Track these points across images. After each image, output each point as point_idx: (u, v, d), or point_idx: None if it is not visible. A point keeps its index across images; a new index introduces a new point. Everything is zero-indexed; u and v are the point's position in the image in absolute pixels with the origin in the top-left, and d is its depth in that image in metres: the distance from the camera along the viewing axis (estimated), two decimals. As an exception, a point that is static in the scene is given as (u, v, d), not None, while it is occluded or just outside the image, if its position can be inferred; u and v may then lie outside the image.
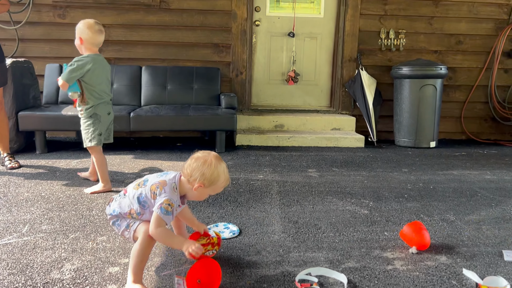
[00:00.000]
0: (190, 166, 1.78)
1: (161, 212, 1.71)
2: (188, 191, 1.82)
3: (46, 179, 3.30)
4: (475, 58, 5.52)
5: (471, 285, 1.86)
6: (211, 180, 1.76)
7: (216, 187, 1.81)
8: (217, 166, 1.78)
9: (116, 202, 1.85)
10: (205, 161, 1.78)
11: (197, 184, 1.76)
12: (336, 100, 5.56)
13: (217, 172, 1.78)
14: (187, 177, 1.79)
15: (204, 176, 1.75)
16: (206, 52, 5.17)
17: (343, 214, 2.72)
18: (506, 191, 3.29)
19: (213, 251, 2.02)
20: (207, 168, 1.76)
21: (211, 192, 1.83)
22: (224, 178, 1.81)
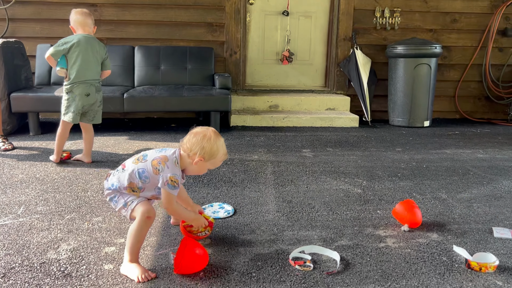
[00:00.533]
0: (189, 141, 1.82)
1: (169, 188, 1.78)
2: (188, 165, 1.85)
3: (40, 160, 3.30)
4: (470, 37, 5.50)
5: (461, 261, 1.90)
6: (210, 154, 1.81)
7: (215, 160, 1.85)
8: (216, 140, 1.82)
9: (115, 177, 1.85)
10: (205, 135, 1.82)
11: (197, 158, 1.79)
12: (330, 80, 5.54)
13: (216, 145, 1.82)
14: (187, 151, 1.82)
15: (204, 150, 1.79)
16: (200, 31, 5.11)
17: (336, 193, 2.75)
18: (497, 170, 3.33)
19: (206, 232, 2.04)
20: (206, 142, 1.80)
21: (210, 166, 1.87)
22: (223, 152, 1.86)
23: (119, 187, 1.83)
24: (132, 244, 1.75)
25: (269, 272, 1.78)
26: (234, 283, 1.69)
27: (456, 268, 1.84)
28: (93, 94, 3.19)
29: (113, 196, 1.86)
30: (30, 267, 1.77)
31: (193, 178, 2.95)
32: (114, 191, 1.85)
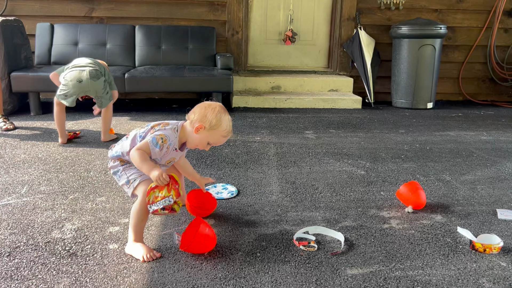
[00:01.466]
0: (193, 111, 1.82)
1: (151, 141, 1.73)
2: (189, 135, 1.82)
3: (42, 140, 3.28)
4: (475, 17, 5.42)
5: (465, 242, 1.90)
6: (212, 123, 1.77)
7: (217, 133, 1.80)
8: (220, 112, 1.79)
9: (119, 145, 1.85)
10: (210, 105, 1.81)
11: (197, 124, 1.77)
12: (334, 60, 5.48)
13: (220, 117, 1.78)
14: (189, 119, 1.81)
15: (205, 118, 1.77)
16: (201, 10, 5.03)
17: (340, 174, 2.74)
18: (501, 152, 3.32)
19: (169, 200, 1.67)
20: (210, 111, 1.78)
21: (211, 138, 1.81)
22: (226, 126, 1.81)
23: (122, 153, 1.82)
24: (135, 223, 1.75)
25: (274, 252, 1.78)
26: (239, 263, 1.69)
27: (460, 249, 1.84)
28: (86, 80, 3.10)
29: (117, 170, 1.84)
30: (35, 246, 1.78)
31: (196, 159, 2.94)
32: (117, 159, 1.83)
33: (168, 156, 1.83)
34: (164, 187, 1.68)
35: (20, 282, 1.54)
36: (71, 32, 4.64)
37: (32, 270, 1.61)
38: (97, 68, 3.19)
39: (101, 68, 3.25)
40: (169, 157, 1.84)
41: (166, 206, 1.67)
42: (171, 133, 1.78)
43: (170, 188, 1.68)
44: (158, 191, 1.68)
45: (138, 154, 1.70)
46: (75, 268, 1.63)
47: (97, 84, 3.15)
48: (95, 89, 3.16)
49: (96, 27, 4.73)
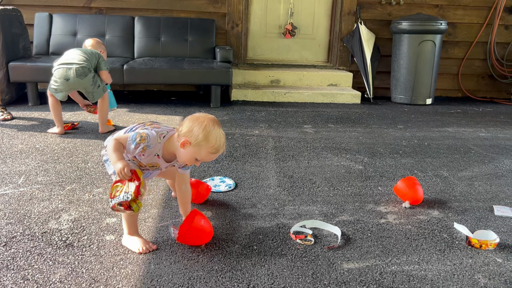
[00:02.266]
0: (183, 123, 1.69)
1: (131, 136, 1.67)
2: (177, 149, 1.70)
3: (40, 131, 3.27)
4: (476, 13, 5.40)
5: (462, 238, 1.91)
6: (198, 139, 1.63)
7: (203, 149, 1.66)
8: (208, 127, 1.64)
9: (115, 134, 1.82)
10: (198, 118, 1.67)
11: (183, 138, 1.65)
12: (333, 55, 5.47)
13: (207, 132, 1.63)
14: (178, 132, 1.69)
15: (191, 133, 1.64)
16: (201, 2, 5.00)
17: (337, 169, 2.74)
18: (499, 148, 3.32)
19: (127, 196, 1.61)
20: (197, 126, 1.64)
21: (198, 155, 1.67)
22: (215, 142, 1.65)
23: None
24: (125, 216, 1.73)
25: (270, 246, 1.78)
26: (235, 256, 1.69)
27: (457, 245, 1.85)
28: (73, 79, 3.08)
29: (106, 159, 1.81)
30: (32, 236, 1.78)
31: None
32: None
33: (148, 159, 1.73)
34: (126, 183, 1.62)
35: (16, 272, 1.54)
36: (70, 23, 4.61)
37: (28, 260, 1.61)
38: (85, 64, 3.11)
39: (90, 62, 3.16)
40: (150, 160, 1.74)
41: (123, 202, 1.59)
42: (154, 136, 1.68)
43: (129, 185, 1.62)
44: (120, 185, 1.62)
45: (112, 143, 1.66)
46: (71, 259, 1.63)
47: (84, 82, 3.12)
48: (83, 86, 3.15)
49: (95, 17, 4.70)
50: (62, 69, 3.10)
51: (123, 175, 1.60)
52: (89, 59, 3.18)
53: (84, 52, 3.20)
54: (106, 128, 3.33)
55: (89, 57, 3.19)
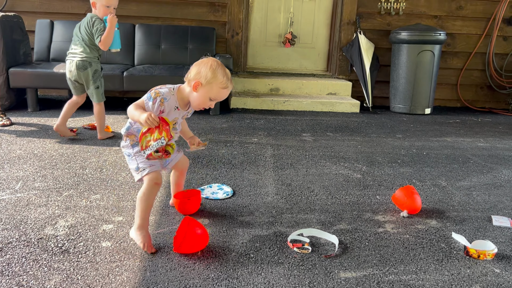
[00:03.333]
0: (189, 70, 1.80)
1: (145, 97, 1.77)
2: (190, 94, 1.80)
3: (39, 137, 3.27)
4: (474, 24, 5.43)
5: (460, 248, 1.90)
6: (207, 77, 1.74)
7: (215, 87, 1.75)
8: (215, 66, 1.76)
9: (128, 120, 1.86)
10: (203, 61, 1.79)
11: (194, 81, 1.75)
12: (333, 64, 5.49)
13: (214, 70, 1.74)
14: (187, 78, 1.80)
15: (200, 74, 1.74)
16: (202, 11, 5.03)
17: (336, 177, 2.74)
18: (497, 158, 3.32)
19: (161, 141, 1.68)
20: (204, 66, 1.76)
21: (211, 93, 1.76)
22: (223, 77, 1.76)
23: (130, 123, 1.83)
24: (141, 209, 1.78)
25: (267, 254, 1.77)
26: (232, 264, 1.68)
27: (455, 255, 1.84)
28: (73, 71, 3.15)
29: (128, 154, 1.84)
30: (28, 242, 1.77)
31: (193, 159, 2.93)
32: (127, 136, 1.83)
33: (170, 115, 1.80)
34: (155, 130, 1.67)
35: (11, 278, 1.53)
36: (71, 29, 4.58)
37: (24, 266, 1.60)
38: (85, 58, 3.12)
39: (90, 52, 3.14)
40: (171, 115, 1.81)
41: (159, 148, 1.67)
42: (166, 91, 1.78)
43: (161, 130, 1.67)
44: (149, 135, 1.68)
45: (131, 107, 1.74)
46: (66, 265, 1.62)
47: (84, 75, 3.16)
48: (83, 79, 3.18)
49: (96, 25, 4.71)
50: (68, 60, 3.19)
51: (151, 121, 1.65)
52: (89, 45, 3.12)
53: (83, 38, 3.12)
54: (105, 135, 3.33)
55: (89, 43, 3.12)
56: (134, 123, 1.80)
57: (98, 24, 3.06)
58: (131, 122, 1.83)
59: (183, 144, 2.95)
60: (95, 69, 3.18)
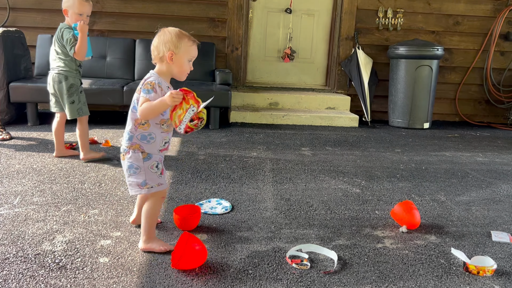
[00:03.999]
0: (153, 51, 1.81)
1: (143, 94, 1.75)
2: (169, 69, 1.81)
3: (38, 151, 3.27)
4: (472, 40, 5.48)
5: (459, 264, 1.89)
6: (175, 43, 1.77)
7: (185, 47, 1.79)
8: (172, 31, 1.80)
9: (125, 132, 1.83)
10: (158, 36, 1.80)
11: (167, 54, 1.77)
12: (331, 78, 5.52)
13: (174, 34, 1.78)
14: (157, 59, 1.80)
15: (166, 44, 1.77)
16: (201, 26, 5.08)
17: (335, 192, 2.74)
18: (496, 173, 3.32)
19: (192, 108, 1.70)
20: (163, 36, 1.79)
21: (186, 55, 1.80)
22: (184, 35, 1.81)
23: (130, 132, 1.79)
24: (150, 224, 1.85)
25: (266, 270, 1.76)
26: (230, 280, 1.67)
27: (454, 271, 1.83)
28: (51, 84, 3.02)
29: (137, 167, 1.79)
30: (25, 258, 1.76)
31: (192, 173, 2.93)
32: (132, 146, 1.79)
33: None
34: (182, 103, 1.71)
35: (8, 294, 1.52)
36: (72, 44, 4.66)
37: (20, 283, 1.59)
38: (61, 71, 2.98)
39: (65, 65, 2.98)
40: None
41: (193, 117, 1.69)
42: (154, 76, 1.79)
43: (187, 100, 1.71)
44: (179, 108, 1.72)
45: (144, 108, 1.73)
46: (63, 282, 1.61)
47: (59, 88, 3.01)
48: (58, 93, 3.03)
49: (97, 39, 4.76)
50: (49, 74, 3.07)
51: (176, 96, 1.69)
52: (63, 58, 2.98)
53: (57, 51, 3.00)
54: (89, 154, 3.10)
55: (63, 56, 2.98)
56: (136, 131, 1.79)
57: (67, 34, 2.90)
58: (131, 132, 1.80)
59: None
60: (71, 83, 3.00)
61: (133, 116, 1.80)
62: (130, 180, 1.82)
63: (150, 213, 1.84)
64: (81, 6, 2.88)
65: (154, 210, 1.84)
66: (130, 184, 1.83)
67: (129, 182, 1.83)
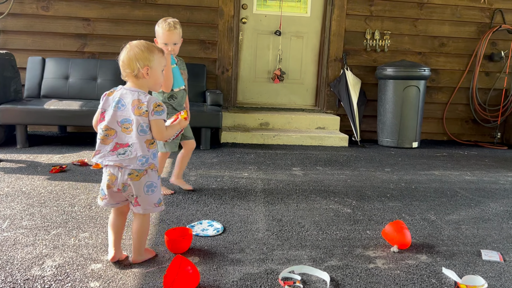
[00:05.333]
0: (125, 68, 1.81)
1: (158, 115, 1.79)
2: (145, 84, 1.84)
3: (27, 173, 3.25)
4: (457, 61, 5.62)
5: (450, 283, 1.90)
6: (148, 58, 1.79)
7: (158, 60, 1.82)
8: (138, 44, 1.81)
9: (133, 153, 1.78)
10: (127, 50, 1.80)
11: (143, 70, 1.78)
12: (321, 99, 5.60)
13: (144, 47, 1.80)
14: (130, 76, 1.81)
15: (140, 61, 1.78)
16: (192, 48, 5.14)
17: (326, 212, 2.75)
18: (485, 192, 3.37)
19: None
20: (133, 51, 1.79)
21: (159, 67, 1.84)
22: (155, 47, 1.84)
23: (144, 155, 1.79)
24: (143, 241, 1.93)
25: (258, 292, 1.75)
26: (222, 303, 1.66)
27: (446, 291, 1.84)
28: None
29: (155, 186, 1.86)
30: (14, 283, 1.73)
31: (183, 194, 2.92)
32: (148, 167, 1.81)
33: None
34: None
35: (-4, 321, 1.48)
36: (63, 66, 4.68)
37: (9, 309, 1.56)
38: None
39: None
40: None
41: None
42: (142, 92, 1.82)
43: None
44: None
45: (167, 134, 1.88)
46: (53, 307, 1.58)
47: None
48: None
49: (88, 61, 4.79)
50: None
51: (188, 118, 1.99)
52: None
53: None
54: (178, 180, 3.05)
55: None
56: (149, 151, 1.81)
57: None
58: (145, 154, 1.79)
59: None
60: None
61: (142, 138, 1.79)
62: (148, 200, 1.84)
63: (143, 233, 1.91)
64: (163, 36, 2.76)
65: (146, 229, 1.93)
66: (147, 203, 1.84)
67: (146, 202, 1.84)
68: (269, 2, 5.43)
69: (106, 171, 1.82)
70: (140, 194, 1.82)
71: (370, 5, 5.35)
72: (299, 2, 5.48)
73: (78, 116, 4.08)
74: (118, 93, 1.83)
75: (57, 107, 4.07)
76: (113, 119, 1.79)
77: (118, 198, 1.87)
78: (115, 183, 1.80)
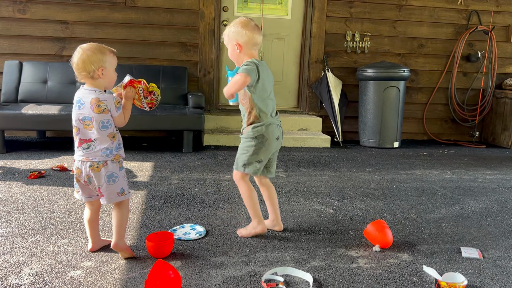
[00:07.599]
0: (77, 70, 1.91)
1: (119, 110, 1.98)
2: (101, 83, 1.96)
3: (4, 180, 3.17)
4: (436, 61, 5.71)
5: (431, 281, 1.92)
6: (102, 59, 1.90)
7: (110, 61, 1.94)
8: (89, 47, 1.91)
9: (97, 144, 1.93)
10: (79, 53, 1.89)
11: (98, 71, 1.90)
12: (303, 101, 5.62)
13: (96, 49, 1.91)
14: (86, 77, 1.93)
15: (94, 63, 1.89)
16: (173, 51, 5.11)
17: (309, 213, 2.75)
18: (464, 190, 3.42)
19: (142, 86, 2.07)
20: (86, 54, 1.88)
21: (112, 67, 1.96)
22: (107, 49, 1.94)
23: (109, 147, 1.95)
24: (122, 228, 2.00)
25: (241, 295, 1.74)
26: (205, 307, 1.64)
27: (426, 288, 1.86)
28: (281, 137, 2.51)
29: (116, 176, 1.96)
30: (-11, 293, 1.68)
31: (165, 198, 2.89)
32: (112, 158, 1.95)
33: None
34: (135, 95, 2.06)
35: (-30, 333, 1.44)
36: (40, 70, 4.60)
37: (-16, 320, 1.52)
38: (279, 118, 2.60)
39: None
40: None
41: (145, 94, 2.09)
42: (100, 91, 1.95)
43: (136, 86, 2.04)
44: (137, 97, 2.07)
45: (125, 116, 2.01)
46: (31, 316, 1.54)
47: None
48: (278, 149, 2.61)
49: (66, 65, 4.70)
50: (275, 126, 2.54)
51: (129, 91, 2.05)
52: None
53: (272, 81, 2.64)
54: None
55: None
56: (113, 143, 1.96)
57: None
58: (109, 146, 1.94)
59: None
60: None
61: (105, 133, 1.93)
62: (110, 189, 1.94)
63: (125, 217, 2.01)
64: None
65: (127, 214, 2.04)
66: (109, 193, 1.95)
67: (108, 192, 1.95)
68: (250, 5, 5.43)
69: (74, 166, 1.98)
70: (102, 185, 1.94)
71: (350, 7, 5.41)
72: (280, 5, 5.50)
73: (57, 121, 4.00)
74: (79, 93, 1.96)
75: (35, 111, 4.00)
76: (76, 117, 1.94)
77: (88, 191, 2.00)
78: (81, 176, 1.94)
